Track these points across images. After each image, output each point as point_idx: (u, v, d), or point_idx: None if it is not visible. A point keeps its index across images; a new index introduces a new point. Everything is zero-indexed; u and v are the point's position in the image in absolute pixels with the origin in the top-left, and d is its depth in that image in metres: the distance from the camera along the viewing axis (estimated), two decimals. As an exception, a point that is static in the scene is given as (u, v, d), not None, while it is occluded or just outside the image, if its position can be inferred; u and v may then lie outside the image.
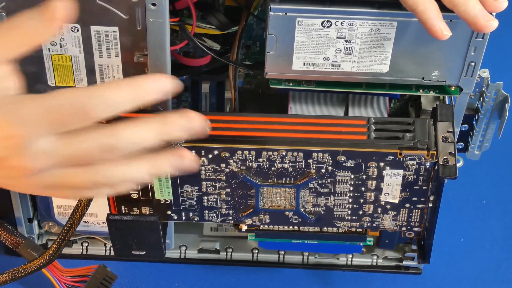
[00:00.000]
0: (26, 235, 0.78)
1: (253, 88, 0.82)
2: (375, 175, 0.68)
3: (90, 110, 0.56)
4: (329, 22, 0.66)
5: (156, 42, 0.66)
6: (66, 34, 0.66)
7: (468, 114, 0.75)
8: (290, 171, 0.69)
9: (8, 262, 0.79)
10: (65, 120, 0.56)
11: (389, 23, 0.66)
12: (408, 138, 0.67)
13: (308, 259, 0.81)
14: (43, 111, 0.56)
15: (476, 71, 0.69)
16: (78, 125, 0.56)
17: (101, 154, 0.57)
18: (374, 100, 0.74)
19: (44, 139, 0.56)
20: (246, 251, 0.81)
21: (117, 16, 0.65)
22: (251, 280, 0.80)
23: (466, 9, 0.62)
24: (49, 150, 0.56)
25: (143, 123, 0.58)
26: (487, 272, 0.81)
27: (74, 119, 0.56)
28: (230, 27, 0.73)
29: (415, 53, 0.68)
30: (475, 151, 0.78)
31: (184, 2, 0.71)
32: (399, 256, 0.81)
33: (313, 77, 0.70)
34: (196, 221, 0.73)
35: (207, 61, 0.76)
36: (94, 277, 0.71)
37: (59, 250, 0.67)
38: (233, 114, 0.74)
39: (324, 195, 0.70)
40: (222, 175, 0.69)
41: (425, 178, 0.68)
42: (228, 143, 0.67)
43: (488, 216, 0.86)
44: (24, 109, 0.56)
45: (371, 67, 0.69)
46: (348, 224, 0.73)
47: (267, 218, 0.73)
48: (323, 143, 0.67)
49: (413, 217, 0.72)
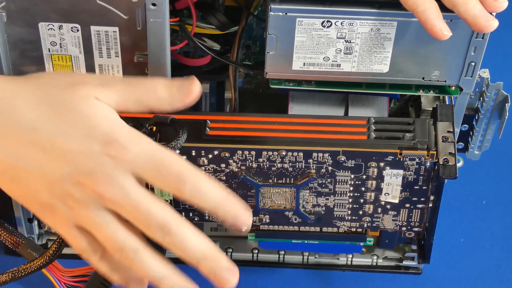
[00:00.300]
0: (26, 235, 0.78)
1: (253, 88, 0.82)
2: (375, 175, 0.68)
3: (184, 185, 0.58)
4: (329, 22, 0.66)
5: (156, 42, 0.66)
6: (66, 34, 0.66)
7: (468, 114, 0.75)
8: (290, 171, 0.69)
9: (8, 262, 0.79)
10: (159, 174, 0.58)
11: (389, 23, 0.66)
12: (408, 138, 0.67)
13: (308, 259, 0.81)
14: (155, 156, 0.58)
15: (476, 71, 0.69)
16: (160, 186, 0.59)
17: (156, 231, 0.59)
18: (374, 100, 0.74)
19: (134, 180, 0.58)
20: (246, 251, 0.81)
21: (117, 16, 0.65)
22: (251, 280, 0.80)
23: (466, 9, 0.62)
24: (131, 192, 0.58)
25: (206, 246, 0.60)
26: (487, 272, 0.81)
27: (167, 179, 0.58)
28: (230, 27, 0.73)
29: (415, 53, 0.68)
30: (475, 151, 0.78)
31: (184, 2, 0.71)
32: (399, 256, 0.81)
33: (313, 77, 0.70)
34: (196, 221, 0.73)
35: (207, 61, 0.76)
36: (94, 277, 0.71)
37: (59, 250, 0.67)
38: (233, 114, 0.74)
39: (324, 195, 0.70)
40: (222, 175, 0.69)
41: (425, 178, 0.68)
42: (228, 143, 0.67)
43: (488, 216, 0.86)
44: (144, 141, 0.58)
45: (371, 67, 0.69)
46: (348, 224, 0.73)
47: (267, 218, 0.73)
48: (323, 143, 0.67)
49: (413, 217, 0.72)
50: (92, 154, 0.57)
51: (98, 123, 0.58)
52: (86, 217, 0.59)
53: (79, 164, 0.58)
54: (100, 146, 0.57)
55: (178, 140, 0.65)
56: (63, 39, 0.66)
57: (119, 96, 0.60)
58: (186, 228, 0.59)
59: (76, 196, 0.58)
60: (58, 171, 0.58)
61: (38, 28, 0.66)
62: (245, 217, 0.60)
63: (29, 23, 0.65)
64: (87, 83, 0.60)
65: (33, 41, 0.66)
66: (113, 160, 0.57)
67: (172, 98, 0.61)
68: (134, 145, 0.58)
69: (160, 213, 0.59)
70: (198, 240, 0.60)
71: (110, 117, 0.59)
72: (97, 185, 0.58)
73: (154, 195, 0.59)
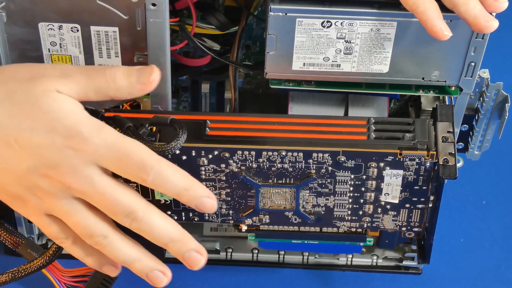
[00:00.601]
0: (26, 235, 0.78)
1: (253, 88, 0.82)
2: (375, 175, 0.68)
3: (147, 174, 0.60)
4: (329, 22, 0.66)
5: (156, 42, 0.66)
6: (66, 34, 0.66)
7: (468, 114, 0.75)
8: (290, 171, 0.69)
9: (8, 262, 0.79)
10: (121, 163, 0.60)
11: (389, 23, 0.66)
12: (408, 138, 0.67)
13: (308, 259, 0.81)
14: (117, 146, 0.60)
15: (476, 71, 0.69)
16: (124, 175, 0.61)
17: (123, 217, 0.62)
18: (374, 100, 0.74)
19: (98, 170, 0.60)
20: (246, 251, 0.81)
21: (117, 16, 0.65)
22: (251, 280, 0.80)
23: (467, 10, 0.62)
24: (96, 182, 0.60)
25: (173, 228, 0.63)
26: (487, 272, 0.81)
27: (129, 169, 0.60)
28: (230, 27, 0.73)
29: (415, 53, 0.68)
30: (475, 151, 0.78)
31: (184, 2, 0.71)
32: (399, 256, 0.81)
33: (313, 77, 0.70)
34: (196, 221, 0.73)
35: (207, 61, 0.76)
36: (94, 277, 0.71)
37: (59, 250, 0.67)
38: (233, 114, 0.74)
39: (324, 195, 0.70)
40: (222, 175, 0.69)
41: (425, 178, 0.68)
42: (228, 143, 0.67)
43: (488, 216, 0.86)
44: (106, 132, 0.60)
45: (371, 67, 0.69)
46: (348, 224, 0.73)
47: (267, 218, 0.73)
48: (323, 143, 0.67)
49: (413, 217, 0.72)
50: (56, 147, 0.59)
51: (60, 116, 0.59)
52: (55, 206, 0.61)
53: (44, 157, 0.59)
54: (62, 139, 0.59)
55: (178, 140, 0.65)
56: (63, 39, 0.66)
57: (79, 86, 0.61)
58: (153, 213, 0.62)
59: (44, 188, 0.60)
60: (24, 165, 0.60)
61: (38, 28, 0.66)
62: (209, 204, 0.63)
63: (29, 23, 0.65)
64: (48, 76, 0.61)
65: (33, 41, 0.66)
66: (76, 152, 0.59)
67: (131, 86, 0.62)
68: (96, 136, 0.59)
69: (126, 200, 0.61)
70: (165, 224, 0.63)
71: (72, 109, 0.60)
72: (63, 177, 0.60)
73: (121, 183, 0.61)
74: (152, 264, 0.64)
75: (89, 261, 0.66)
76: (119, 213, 0.61)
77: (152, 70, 0.62)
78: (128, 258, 0.64)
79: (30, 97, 0.60)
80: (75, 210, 0.61)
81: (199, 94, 0.79)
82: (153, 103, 0.70)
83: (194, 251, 0.64)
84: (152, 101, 0.70)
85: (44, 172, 0.60)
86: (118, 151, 0.60)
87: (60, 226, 0.63)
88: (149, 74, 0.62)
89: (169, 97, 0.70)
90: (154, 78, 0.62)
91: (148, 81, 0.62)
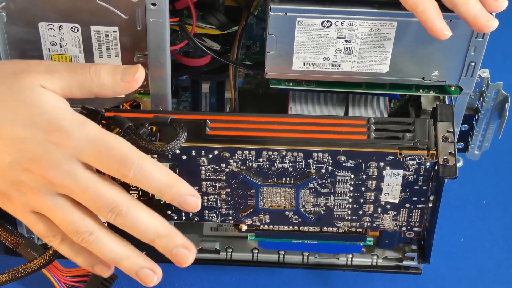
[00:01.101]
0: (26, 235, 0.78)
1: (253, 88, 0.82)
2: (375, 175, 0.68)
3: (128, 169, 0.60)
4: (329, 22, 0.66)
5: (156, 42, 0.66)
6: (66, 34, 0.66)
7: (468, 114, 0.75)
8: (290, 171, 0.69)
9: (8, 262, 0.79)
10: (102, 159, 0.60)
11: (389, 23, 0.66)
12: (408, 138, 0.67)
13: (308, 259, 0.81)
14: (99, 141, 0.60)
15: (476, 71, 0.69)
16: (105, 170, 0.60)
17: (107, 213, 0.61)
18: (374, 100, 0.74)
19: (80, 165, 0.60)
20: (246, 251, 0.81)
21: (117, 16, 0.65)
22: (251, 280, 0.80)
23: (467, 9, 0.62)
24: (78, 177, 0.60)
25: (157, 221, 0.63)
26: (487, 272, 0.81)
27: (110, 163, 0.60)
28: (230, 27, 0.73)
29: (415, 53, 0.68)
30: (475, 151, 0.78)
31: (184, 2, 0.71)
32: (399, 256, 0.81)
33: (313, 77, 0.70)
34: (196, 221, 0.73)
35: (207, 61, 0.76)
36: (94, 277, 0.71)
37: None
38: (233, 114, 0.74)
39: (324, 195, 0.70)
40: (222, 175, 0.69)
41: (425, 178, 0.68)
42: (228, 143, 0.67)
43: (488, 216, 0.86)
44: (88, 127, 0.60)
45: (371, 67, 0.69)
46: (348, 224, 0.73)
47: (267, 218, 0.73)
48: (323, 143, 0.67)
49: (413, 217, 0.72)
50: (37, 141, 0.59)
51: (42, 110, 0.59)
52: (39, 202, 0.61)
53: (25, 151, 0.59)
54: (44, 133, 0.59)
55: (178, 140, 0.65)
56: (63, 39, 0.66)
57: (63, 82, 0.61)
58: (138, 208, 0.62)
59: (27, 183, 0.60)
60: (7, 159, 0.60)
61: (38, 28, 0.66)
62: (193, 202, 0.62)
63: (29, 23, 0.65)
64: (32, 71, 0.61)
65: (33, 41, 0.66)
66: (57, 146, 0.59)
67: (115, 84, 0.62)
68: (78, 131, 0.59)
69: (110, 195, 0.61)
70: (151, 219, 0.62)
71: (55, 103, 0.60)
72: (44, 171, 0.59)
73: (104, 178, 0.61)
74: (141, 262, 0.63)
75: (79, 261, 0.65)
76: (103, 208, 0.61)
77: (137, 68, 0.62)
78: (116, 256, 0.63)
79: (13, 91, 0.60)
80: (59, 206, 0.61)
81: (199, 94, 0.79)
82: (153, 103, 0.70)
83: (182, 247, 0.63)
84: (152, 101, 0.70)
85: (26, 166, 0.60)
86: (100, 146, 0.60)
87: (47, 224, 0.63)
88: (133, 73, 0.62)
89: (169, 97, 0.70)
90: (138, 76, 0.62)
91: (132, 79, 0.62)
